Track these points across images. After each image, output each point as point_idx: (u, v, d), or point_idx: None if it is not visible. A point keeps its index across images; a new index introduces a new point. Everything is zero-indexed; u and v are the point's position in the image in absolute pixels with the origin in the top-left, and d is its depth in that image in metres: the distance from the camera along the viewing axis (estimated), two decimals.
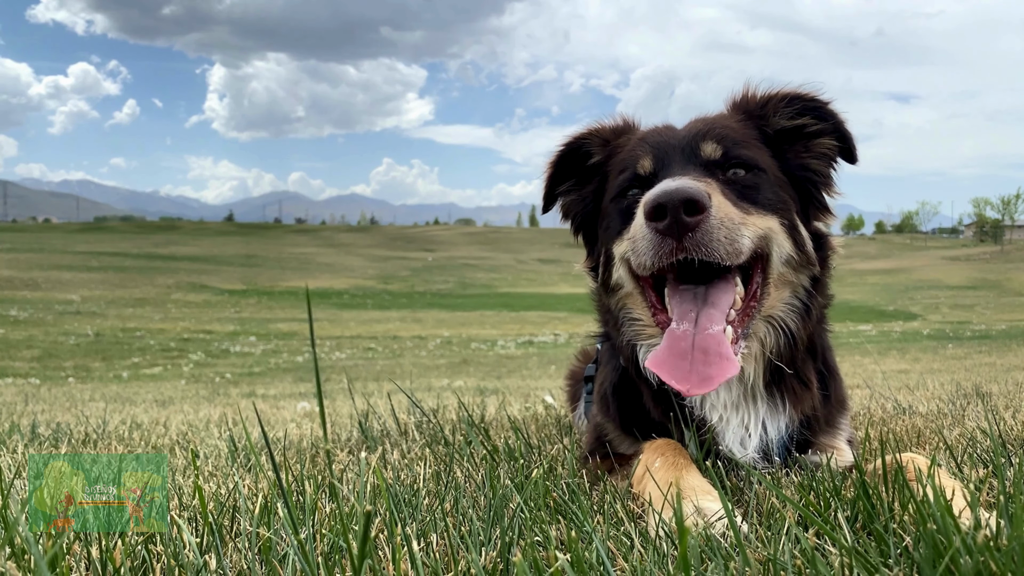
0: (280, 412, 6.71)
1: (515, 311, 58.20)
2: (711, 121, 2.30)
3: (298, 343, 35.60)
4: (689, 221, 1.85)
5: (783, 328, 2.21)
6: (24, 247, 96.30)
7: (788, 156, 2.30)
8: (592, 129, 2.49)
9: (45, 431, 4.54)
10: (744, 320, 2.10)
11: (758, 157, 2.20)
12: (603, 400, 2.56)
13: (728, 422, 2.22)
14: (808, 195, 2.30)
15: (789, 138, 2.32)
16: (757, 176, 2.16)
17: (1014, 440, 2.76)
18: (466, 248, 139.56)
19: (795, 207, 2.23)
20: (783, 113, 2.30)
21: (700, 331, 1.99)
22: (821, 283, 2.27)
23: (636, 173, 2.21)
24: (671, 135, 2.27)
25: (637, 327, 2.31)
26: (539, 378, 13.97)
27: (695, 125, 2.29)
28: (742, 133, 2.25)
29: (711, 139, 2.17)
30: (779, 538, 1.59)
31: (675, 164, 2.13)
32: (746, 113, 2.34)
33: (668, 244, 1.89)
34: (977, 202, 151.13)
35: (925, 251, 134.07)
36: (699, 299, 2.06)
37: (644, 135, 2.35)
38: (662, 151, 2.20)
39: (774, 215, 2.13)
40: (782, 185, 2.23)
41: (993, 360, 14.99)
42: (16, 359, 28.81)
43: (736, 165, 2.16)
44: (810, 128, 2.30)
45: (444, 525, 1.72)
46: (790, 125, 2.31)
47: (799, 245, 2.18)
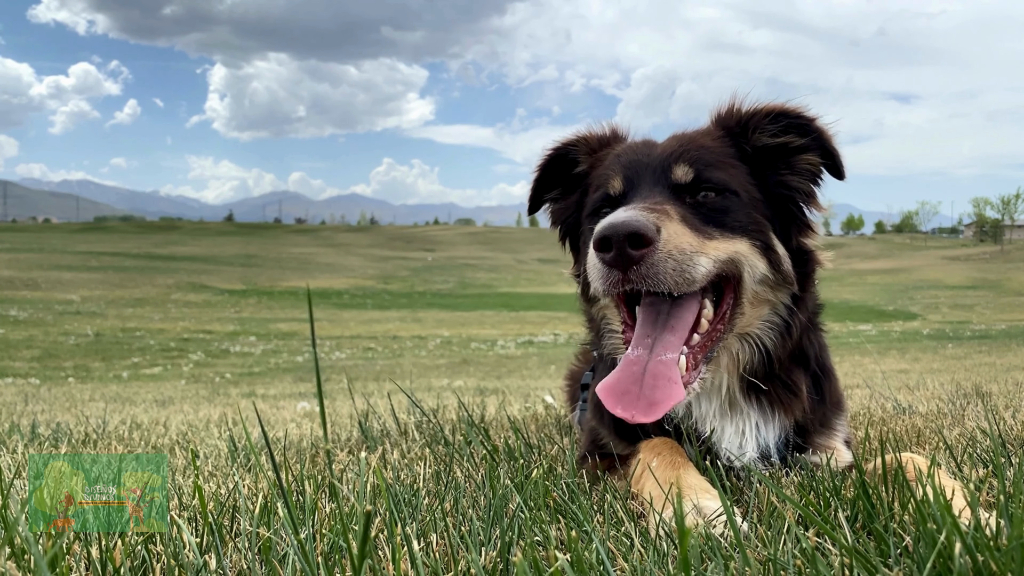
0: (280, 412, 6.71)
1: (515, 311, 58.21)
2: (687, 140, 2.27)
3: (298, 343, 35.61)
4: (634, 255, 1.86)
5: (759, 345, 2.21)
6: (24, 247, 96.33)
7: (768, 174, 2.26)
8: (580, 137, 2.49)
9: (45, 431, 4.54)
10: (707, 345, 2.10)
11: (731, 179, 2.17)
12: (597, 407, 2.57)
13: (724, 429, 2.24)
14: (789, 213, 2.26)
15: (771, 155, 2.27)
16: (727, 199, 2.14)
17: (1014, 440, 2.76)
18: (466, 248, 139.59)
19: (772, 227, 2.20)
20: (767, 130, 2.26)
21: (653, 358, 2.01)
22: (803, 300, 2.25)
23: (607, 193, 2.23)
24: (646, 154, 2.25)
25: (616, 339, 2.34)
26: (539, 378, 13.97)
27: (671, 144, 2.26)
28: (718, 153, 2.22)
29: (684, 161, 2.15)
30: (779, 538, 1.59)
31: (644, 186, 2.13)
32: (727, 129, 2.30)
33: (615, 275, 1.91)
34: (977, 202, 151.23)
35: (925, 251, 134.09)
36: (659, 323, 2.07)
37: (620, 152, 2.34)
38: (633, 171, 2.20)
39: (744, 237, 2.12)
40: (757, 205, 2.19)
41: (993, 360, 15.00)
42: (16, 359, 28.81)
43: (707, 188, 2.14)
44: (794, 144, 2.26)
45: (444, 525, 1.73)
46: (773, 143, 2.26)
47: (775, 265, 2.17)
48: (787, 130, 2.25)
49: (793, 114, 2.24)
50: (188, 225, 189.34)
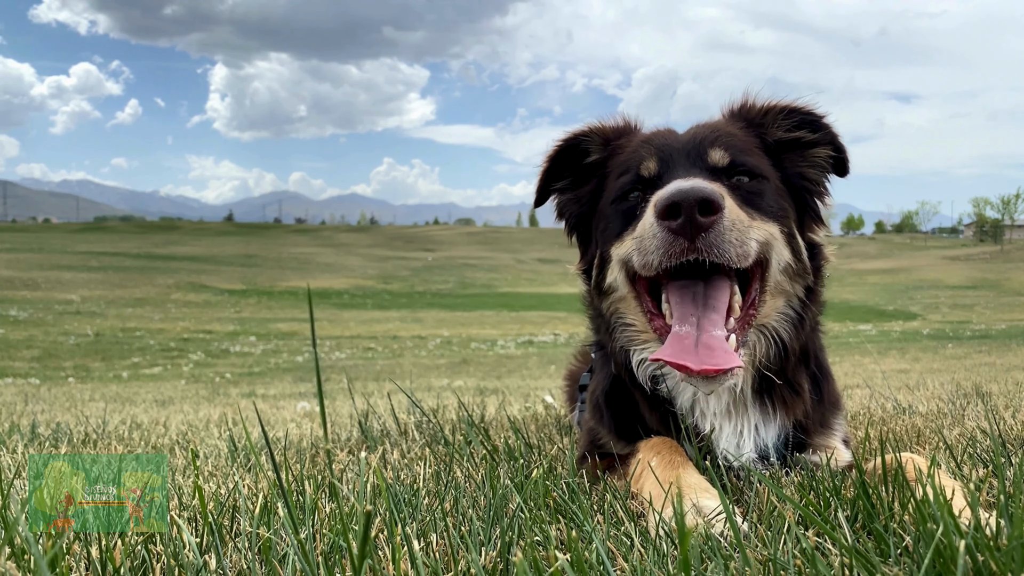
0: (280, 412, 6.71)
1: (515, 311, 58.19)
2: (716, 127, 2.31)
3: (298, 343, 35.59)
4: (703, 221, 1.85)
5: (775, 338, 2.21)
6: (24, 247, 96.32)
7: (786, 166, 2.32)
8: (593, 128, 2.47)
9: (45, 431, 4.54)
10: (743, 329, 2.09)
11: (762, 165, 2.22)
12: (596, 407, 2.57)
13: (721, 429, 2.24)
14: (804, 205, 2.32)
15: (787, 148, 2.34)
16: (761, 184, 2.18)
17: (1014, 440, 2.76)
18: (466, 248, 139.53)
19: (793, 216, 2.24)
20: (782, 125, 2.32)
21: (703, 332, 1.98)
22: (815, 293, 2.28)
23: (639, 175, 2.19)
24: (675, 139, 2.28)
25: (630, 332, 2.30)
26: (539, 378, 13.97)
27: (700, 131, 2.28)
28: (746, 141, 2.27)
29: (719, 146, 2.18)
30: (779, 538, 1.59)
31: (680, 168, 2.12)
32: (747, 121, 2.35)
33: (680, 243, 1.88)
34: (977, 202, 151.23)
35: (925, 251, 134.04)
36: (699, 302, 2.04)
37: (647, 137, 2.35)
38: (667, 154, 2.19)
39: (775, 222, 2.14)
40: (782, 194, 2.24)
41: (993, 360, 15.00)
42: (16, 359, 28.81)
43: (741, 172, 2.17)
44: (806, 139, 2.33)
45: (444, 525, 1.73)
46: (788, 137, 2.33)
47: (796, 254, 2.19)
48: (800, 126, 2.32)
49: (805, 111, 2.32)
50: (188, 225, 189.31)
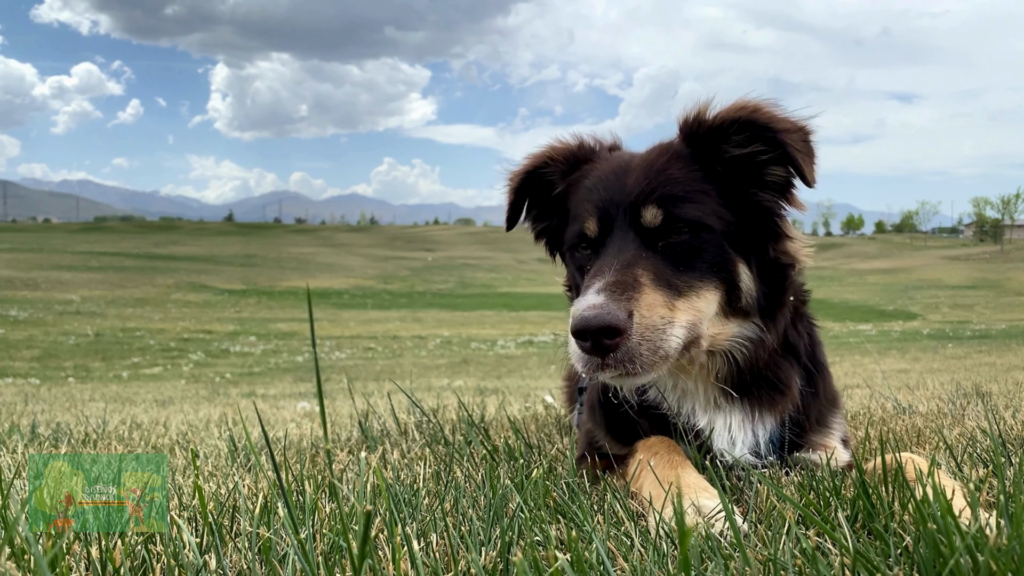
0: (280, 412, 6.71)
1: (515, 311, 58.18)
2: (655, 172, 2.18)
3: (298, 343, 35.60)
4: (609, 344, 1.90)
5: (728, 359, 2.23)
6: (24, 247, 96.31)
7: (740, 187, 2.19)
8: (549, 156, 2.45)
9: (45, 431, 4.53)
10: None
11: (702, 213, 2.11)
12: (592, 410, 2.60)
13: (712, 427, 2.26)
14: (763, 228, 2.20)
15: (741, 167, 2.19)
16: (699, 238, 2.10)
17: (1014, 440, 2.76)
18: (466, 248, 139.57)
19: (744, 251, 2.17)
20: (733, 141, 2.17)
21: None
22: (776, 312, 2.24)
23: (584, 233, 2.22)
24: (617, 189, 2.18)
25: None
26: (539, 378, 13.97)
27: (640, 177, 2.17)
28: (686, 182, 2.15)
29: (652, 203, 2.10)
30: (779, 537, 1.59)
31: (617, 233, 2.12)
32: (697, 142, 2.22)
33: (594, 361, 1.95)
34: (977, 202, 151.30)
35: (925, 251, 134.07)
36: None
37: (593, 184, 2.28)
38: (606, 212, 2.17)
39: (715, 279, 2.11)
40: (730, 233, 2.13)
41: (993, 360, 15.00)
42: (16, 359, 28.82)
43: (677, 229, 2.10)
44: (761, 157, 2.17)
45: (444, 525, 1.73)
46: (741, 153, 2.18)
47: (746, 294, 2.17)
48: (753, 140, 2.16)
49: (759, 123, 2.14)
50: (188, 225, 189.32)
